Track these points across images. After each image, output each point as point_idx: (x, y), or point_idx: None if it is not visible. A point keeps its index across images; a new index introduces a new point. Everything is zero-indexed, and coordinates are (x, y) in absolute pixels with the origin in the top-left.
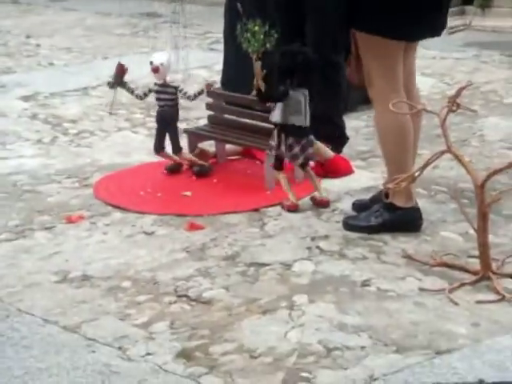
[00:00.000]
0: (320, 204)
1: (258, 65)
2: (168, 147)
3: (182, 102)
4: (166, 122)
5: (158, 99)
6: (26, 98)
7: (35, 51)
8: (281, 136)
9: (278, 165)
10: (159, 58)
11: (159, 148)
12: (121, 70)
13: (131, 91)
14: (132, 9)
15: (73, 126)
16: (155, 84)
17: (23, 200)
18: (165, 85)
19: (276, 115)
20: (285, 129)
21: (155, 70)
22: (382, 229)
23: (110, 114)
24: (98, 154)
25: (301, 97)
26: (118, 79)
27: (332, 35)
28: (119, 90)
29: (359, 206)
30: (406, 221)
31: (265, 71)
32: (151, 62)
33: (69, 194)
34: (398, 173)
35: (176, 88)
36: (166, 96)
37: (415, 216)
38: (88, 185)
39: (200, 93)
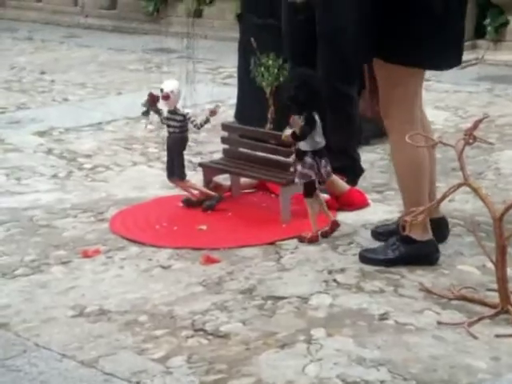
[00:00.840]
0: (332, 228)
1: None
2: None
3: (197, 136)
4: (173, 148)
5: (167, 126)
6: (40, 134)
7: (50, 87)
8: (316, 161)
9: (312, 190)
10: (169, 86)
11: (169, 174)
12: (152, 99)
13: (160, 114)
14: (145, 45)
15: (88, 161)
16: (167, 111)
17: (39, 235)
18: (174, 112)
19: (305, 144)
20: (318, 153)
21: (166, 97)
22: (398, 262)
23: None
24: (114, 189)
25: (317, 119)
26: (151, 106)
27: (343, 66)
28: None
29: (377, 233)
30: (423, 254)
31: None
32: (161, 90)
33: (85, 229)
34: (414, 205)
35: (184, 116)
36: (175, 123)
37: (432, 249)
38: (104, 219)
39: (206, 121)
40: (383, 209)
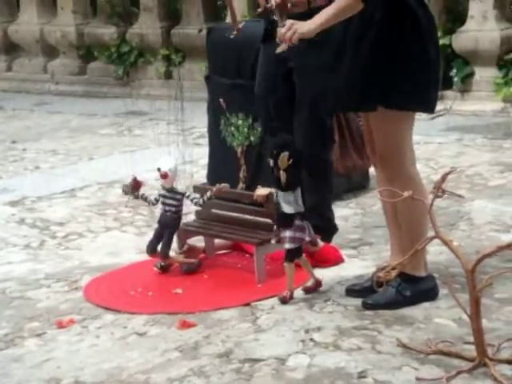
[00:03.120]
0: (317, 286)
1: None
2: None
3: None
4: (166, 226)
5: (163, 203)
6: (12, 204)
7: (21, 156)
8: (305, 224)
9: (298, 254)
10: (167, 164)
11: (152, 250)
12: (136, 186)
13: (145, 198)
14: (116, 108)
15: (61, 229)
16: (163, 188)
17: (12, 307)
18: (172, 190)
19: (289, 207)
20: (303, 216)
21: (164, 176)
22: (407, 302)
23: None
24: (87, 256)
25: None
26: (134, 192)
27: (323, 133)
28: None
29: (352, 291)
30: (427, 289)
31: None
32: (159, 169)
33: (58, 299)
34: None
35: (183, 194)
36: (173, 202)
37: (434, 283)
38: (78, 288)
39: (210, 198)
40: (358, 264)
